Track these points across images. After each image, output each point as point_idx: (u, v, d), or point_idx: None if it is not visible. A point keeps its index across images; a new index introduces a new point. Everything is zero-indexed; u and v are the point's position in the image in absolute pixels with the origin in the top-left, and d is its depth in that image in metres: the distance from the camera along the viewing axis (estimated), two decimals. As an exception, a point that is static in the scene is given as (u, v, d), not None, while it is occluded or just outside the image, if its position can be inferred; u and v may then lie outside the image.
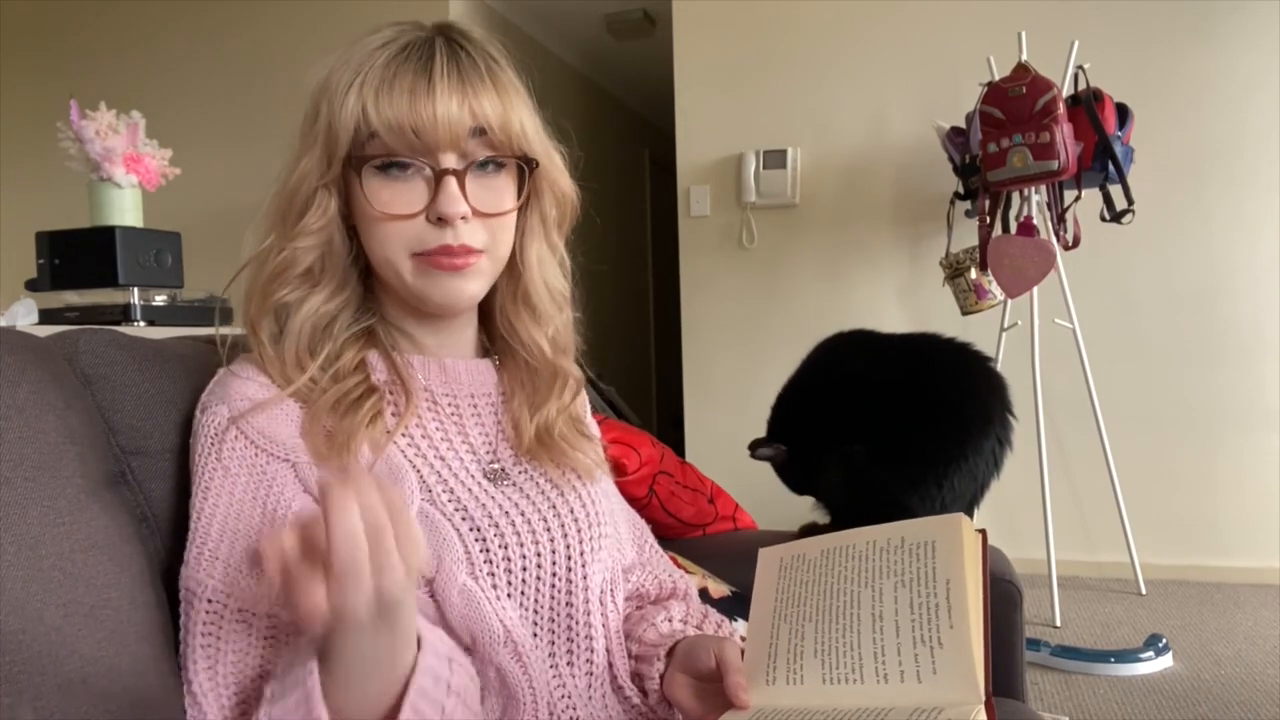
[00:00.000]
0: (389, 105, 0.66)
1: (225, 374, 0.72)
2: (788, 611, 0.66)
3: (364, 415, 0.69)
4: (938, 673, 0.56)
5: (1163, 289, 2.82)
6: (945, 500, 1.42)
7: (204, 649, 0.61)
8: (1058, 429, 2.79)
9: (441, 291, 0.70)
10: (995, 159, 2.39)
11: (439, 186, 0.68)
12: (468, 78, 0.68)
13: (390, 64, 0.68)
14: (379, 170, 0.68)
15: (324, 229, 0.71)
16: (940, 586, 0.59)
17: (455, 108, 0.67)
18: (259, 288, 0.72)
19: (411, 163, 0.68)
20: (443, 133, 0.66)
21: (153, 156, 1.87)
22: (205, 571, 0.63)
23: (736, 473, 1.71)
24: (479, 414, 0.77)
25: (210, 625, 0.62)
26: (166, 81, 3.74)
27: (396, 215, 0.68)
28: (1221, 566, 2.78)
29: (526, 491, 0.75)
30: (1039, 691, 2.00)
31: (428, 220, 0.68)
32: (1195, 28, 2.75)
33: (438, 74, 0.67)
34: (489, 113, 0.68)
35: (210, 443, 0.67)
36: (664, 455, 1.48)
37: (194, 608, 0.62)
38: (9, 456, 0.59)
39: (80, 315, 1.88)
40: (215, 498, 0.65)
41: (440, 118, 0.66)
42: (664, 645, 0.75)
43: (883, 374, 1.50)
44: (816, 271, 3.12)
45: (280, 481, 0.66)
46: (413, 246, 0.69)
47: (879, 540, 0.65)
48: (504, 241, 0.73)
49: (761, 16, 3.12)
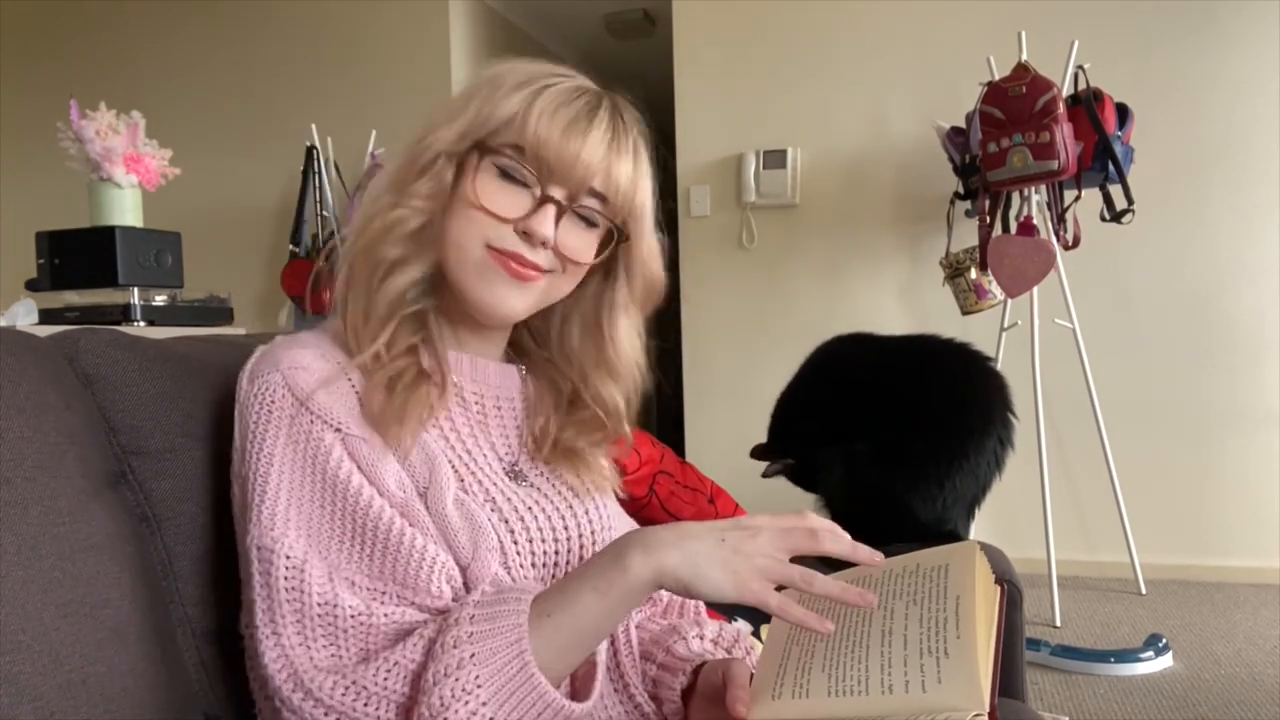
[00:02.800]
0: (547, 124, 0.70)
1: (279, 341, 0.73)
2: (801, 636, 0.66)
3: (421, 396, 0.71)
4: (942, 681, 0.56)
5: (1163, 289, 2.82)
6: (947, 501, 1.43)
7: (290, 603, 0.62)
8: (1058, 429, 2.79)
9: (493, 294, 0.72)
10: (995, 159, 2.39)
11: (538, 208, 0.71)
12: (619, 140, 0.72)
13: (564, 94, 0.72)
14: (499, 170, 0.71)
15: (435, 196, 0.72)
16: (950, 602, 0.59)
17: (596, 160, 0.71)
18: (364, 243, 0.73)
19: (529, 179, 0.71)
20: (573, 172, 0.70)
21: (153, 156, 1.87)
22: (280, 529, 0.63)
23: (736, 473, 1.71)
24: (501, 416, 0.79)
25: (293, 579, 0.62)
26: (166, 81, 3.74)
27: (491, 212, 0.70)
28: (1221, 566, 2.78)
29: (545, 492, 0.77)
30: (1039, 691, 2.00)
31: (515, 230, 0.71)
32: (1195, 28, 2.74)
33: (598, 123, 0.71)
34: (621, 178, 0.73)
35: (265, 409, 0.67)
36: (664, 455, 1.48)
37: (273, 565, 0.63)
38: (9, 456, 0.59)
39: (80, 315, 1.88)
40: (279, 463, 0.66)
41: (581, 159, 0.70)
42: (692, 662, 0.75)
43: (884, 375, 1.50)
44: (816, 271, 3.12)
45: (333, 449, 0.66)
46: (491, 240, 0.71)
47: (896, 568, 0.66)
48: (568, 282, 0.76)
49: (761, 16, 3.12)
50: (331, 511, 0.65)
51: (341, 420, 0.67)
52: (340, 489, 0.65)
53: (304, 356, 0.70)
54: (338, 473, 0.65)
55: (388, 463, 0.68)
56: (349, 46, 3.54)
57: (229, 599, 0.74)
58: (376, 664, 0.60)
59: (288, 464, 0.66)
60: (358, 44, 3.53)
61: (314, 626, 0.62)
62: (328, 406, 0.67)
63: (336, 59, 3.55)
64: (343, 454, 0.66)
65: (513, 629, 0.60)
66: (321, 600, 0.62)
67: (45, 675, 0.55)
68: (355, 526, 0.65)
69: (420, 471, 0.70)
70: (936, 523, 1.43)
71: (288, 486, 0.65)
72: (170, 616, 0.70)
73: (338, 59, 3.55)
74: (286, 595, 0.62)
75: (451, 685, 0.57)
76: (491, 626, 0.60)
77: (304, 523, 0.64)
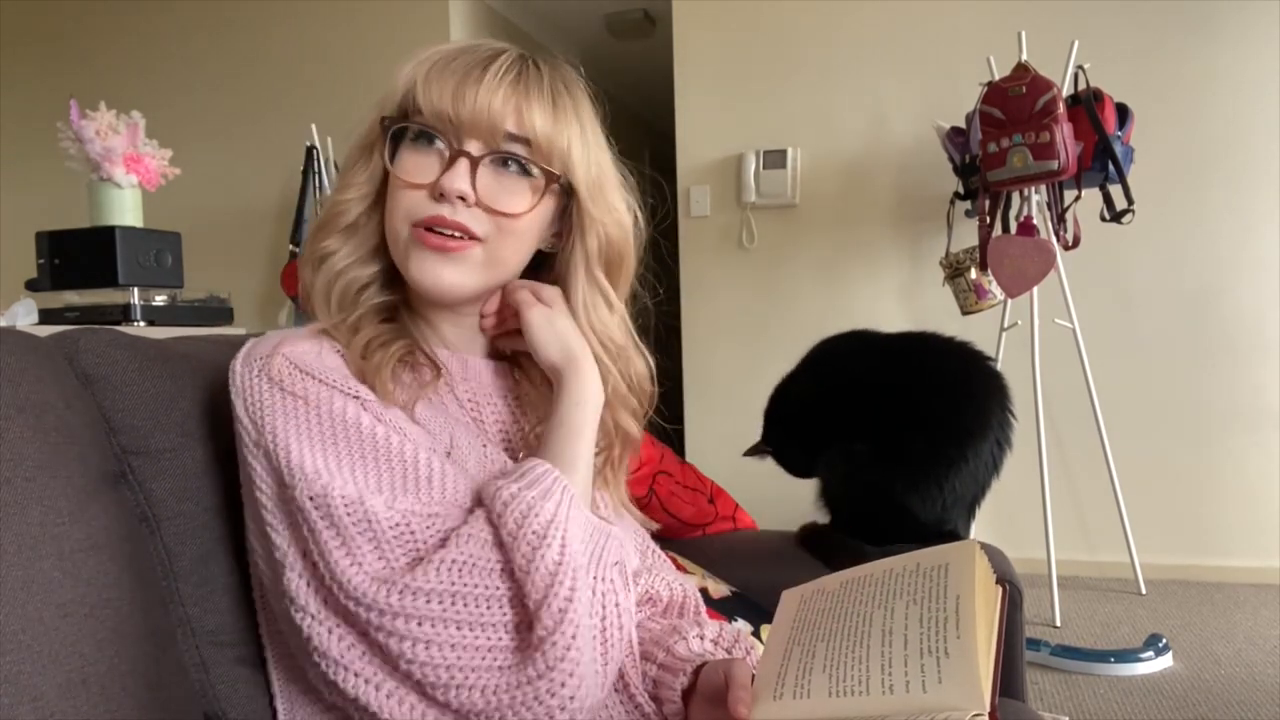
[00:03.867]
0: (439, 78, 0.69)
1: (269, 334, 0.73)
2: (801, 636, 0.66)
3: (394, 351, 0.71)
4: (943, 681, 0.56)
5: (1163, 289, 2.82)
6: (947, 502, 1.42)
7: (361, 534, 0.62)
8: (1058, 429, 2.79)
9: (421, 271, 0.71)
10: (995, 159, 2.39)
11: (450, 164, 0.69)
12: (526, 85, 0.70)
13: (459, 51, 0.71)
14: (411, 140, 0.71)
15: (365, 185, 0.73)
16: (950, 601, 0.59)
17: (498, 103, 0.69)
18: (310, 237, 0.75)
19: (437, 138, 0.70)
20: (474, 120, 0.68)
21: (153, 156, 1.87)
22: (326, 477, 0.63)
23: (736, 473, 1.71)
24: (496, 413, 0.79)
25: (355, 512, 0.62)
26: (166, 81, 3.74)
27: (408, 182, 0.70)
28: (1221, 566, 2.78)
29: None
30: (1039, 691, 2.00)
31: (430, 194, 0.69)
32: (1195, 28, 2.74)
33: (493, 71, 0.69)
34: (536, 122, 0.70)
35: (273, 383, 0.67)
36: (664, 455, 1.48)
37: (332, 506, 0.62)
38: (9, 456, 0.59)
39: (80, 315, 1.88)
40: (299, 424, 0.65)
41: (478, 107, 0.68)
42: (692, 662, 0.75)
43: (882, 374, 1.50)
44: (816, 271, 3.12)
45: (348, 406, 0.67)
46: (413, 213, 0.70)
47: (895, 568, 0.65)
48: (509, 246, 0.73)
49: (761, 16, 3.12)
50: (364, 458, 0.65)
51: (350, 386, 0.68)
52: (368, 438, 0.66)
53: (299, 340, 0.71)
54: (360, 423, 0.66)
55: (408, 425, 0.69)
56: (349, 46, 3.54)
57: (229, 599, 0.74)
58: (459, 542, 0.62)
59: (313, 423, 0.65)
60: (358, 44, 3.53)
61: (392, 547, 0.62)
62: (334, 373, 0.68)
63: (336, 59, 3.55)
64: (359, 409, 0.67)
65: (547, 474, 0.66)
66: (391, 522, 0.63)
67: (45, 675, 0.55)
68: (393, 468, 0.65)
69: (441, 439, 0.71)
70: (937, 523, 1.43)
71: (319, 442, 0.65)
72: (170, 616, 0.70)
73: (338, 59, 3.55)
74: (355, 529, 0.62)
75: (534, 525, 0.62)
76: (531, 480, 0.65)
77: (346, 469, 0.64)
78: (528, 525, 0.62)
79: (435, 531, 0.64)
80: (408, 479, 0.65)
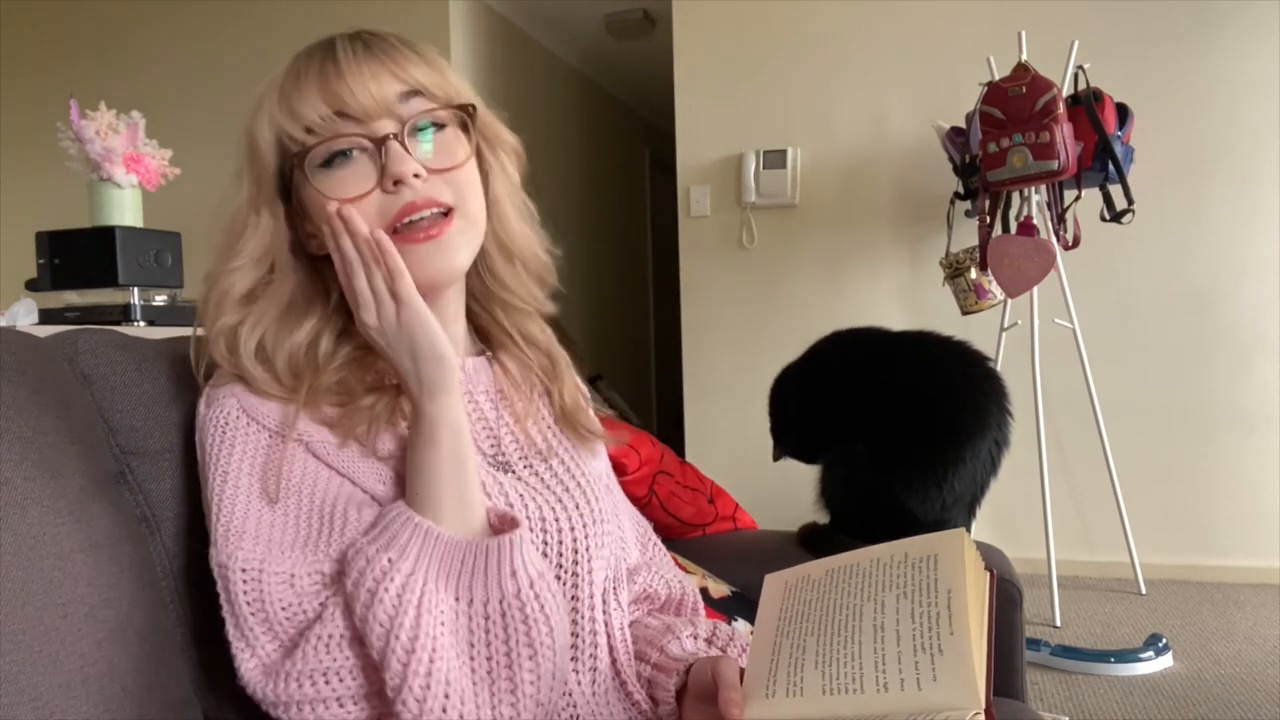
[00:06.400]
0: (302, 101, 0.66)
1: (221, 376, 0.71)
2: (790, 628, 0.65)
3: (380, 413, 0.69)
4: (937, 679, 0.56)
5: (1163, 289, 2.82)
6: (945, 502, 1.42)
7: (254, 615, 0.62)
8: (1058, 429, 2.79)
9: (421, 263, 0.67)
10: (995, 159, 2.39)
11: (384, 154, 0.66)
12: (380, 52, 0.69)
13: (293, 69, 0.68)
14: (323, 167, 0.67)
15: (262, 249, 0.70)
16: (941, 596, 0.59)
17: (371, 76, 0.67)
18: (205, 320, 0.70)
19: (351, 145, 0.67)
20: (367, 101, 0.66)
21: (153, 156, 1.87)
22: (234, 544, 0.63)
23: (736, 473, 1.72)
24: (480, 409, 0.77)
25: (251, 590, 0.62)
26: (166, 81, 3.74)
27: (353, 198, 0.66)
28: (1221, 566, 2.78)
29: (531, 485, 0.75)
30: (1039, 691, 2.00)
31: (384, 192, 0.67)
32: (1195, 28, 2.74)
33: (342, 56, 0.67)
34: (415, 74, 0.69)
35: (221, 430, 0.67)
36: (664, 455, 1.48)
37: (231, 581, 0.62)
38: (9, 456, 0.59)
39: (80, 315, 1.88)
40: (235, 479, 0.65)
41: (359, 89, 0.66)
42: (685, 662, 0.74)
43: (881, 373, 1.50)
44: (816, 271, 3.12)
45: (296, 458, 0.66)
46: (381, 221, 0.66)
47: (882, 557, 0.64)
48: (472, 199, 0.71)
49: (761, 16, 3.12)
50: (285, 511, 0.65)
51: (301, 430, 0.67)
52: (294, 489, 0.65)
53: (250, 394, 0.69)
54: (300, 483, 0.65)
55: (366, 462, 0.68)
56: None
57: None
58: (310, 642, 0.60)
59: (243, 481, 0.65)
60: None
61: (283, 624, 0.62)
62: (285, 420, 0.67)
63: (336, 59, 3.55)
64: (306, 456, 0.66)
65: (398, 517, 0.63)
66: (284, 603, 0.62)
67: (45, 675, 0.55)
68: (312, 521, 0.65)
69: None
70: (936, 523, 1.43)
71: (243, 502, 0.64)
72: (170, 616, 0.70)
73: (338, 59, 3.54)
74: (249, 609, 0.62)
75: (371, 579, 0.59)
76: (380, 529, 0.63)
77: (263, 531, 0.63)
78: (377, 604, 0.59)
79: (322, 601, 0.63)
80: (324, 529, 0.64)
